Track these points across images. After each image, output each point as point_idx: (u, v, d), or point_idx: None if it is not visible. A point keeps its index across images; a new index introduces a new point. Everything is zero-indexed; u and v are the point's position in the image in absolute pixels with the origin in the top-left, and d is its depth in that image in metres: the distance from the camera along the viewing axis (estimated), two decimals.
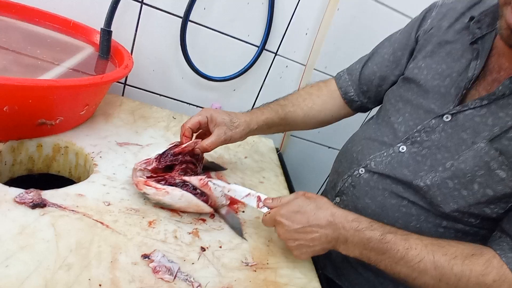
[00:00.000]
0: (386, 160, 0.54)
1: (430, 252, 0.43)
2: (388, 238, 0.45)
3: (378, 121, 0.62)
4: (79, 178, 0.62)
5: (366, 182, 0.56)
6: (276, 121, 0.65)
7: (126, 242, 0.44)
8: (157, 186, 0.50)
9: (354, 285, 0.62)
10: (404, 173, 0.51)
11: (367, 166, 0.56)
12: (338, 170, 0.64)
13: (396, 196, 0.52)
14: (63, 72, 0.58)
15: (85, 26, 0.74)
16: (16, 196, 0.43)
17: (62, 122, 0.57)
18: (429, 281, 0.43)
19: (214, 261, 0.47)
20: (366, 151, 0.58)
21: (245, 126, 0.61)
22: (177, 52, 0.83)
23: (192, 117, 0.59)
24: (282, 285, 0.48)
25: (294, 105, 0.68)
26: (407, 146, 0.53)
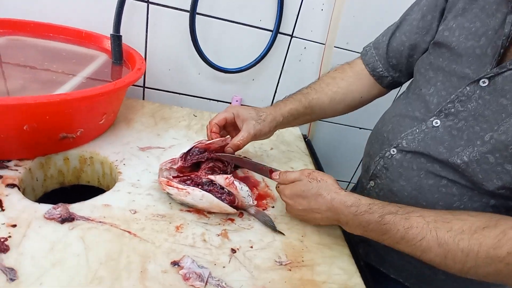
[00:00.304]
0: (419, 137, 0.50)
1: (432, 229, 0.40)
2: (387, 219, 0.43)
3: (408, 95, 0.57)
4: (108, 186, 0.62)
5: (399, 163, 0.52)
6: (301, 111, 0.63)
7: (154, 250, 0.43)
8: (179, 186, 0.49)
9: (400, 272, 0.58)
10: (439, 150, 0.47)
11: (398, 145, 0.52)
12: (369, 153, 0.60)
13: (433, 175, 0.48)
14: (80, 83, 0.58)
15: (97, 34, 0.74)
16: (45, 213, 0.44)
17: (83, 134, 0.57)
18: (434, 259, 0.41)
19: (246, 263, 0.44)
20: (397, 129, 0.54)
21: (271, 118, 0.60)
22: (189, 48, 0.81)
23: (219, 114, 0.59)
24: (320, 283, 0.44)
25: (317, 91, 0.65)
26: (441, 119, 0.48)
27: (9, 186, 0.47)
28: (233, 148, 0.58)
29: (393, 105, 0.62)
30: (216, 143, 0.57)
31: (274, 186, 0.62)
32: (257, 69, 0.88)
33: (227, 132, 0.63)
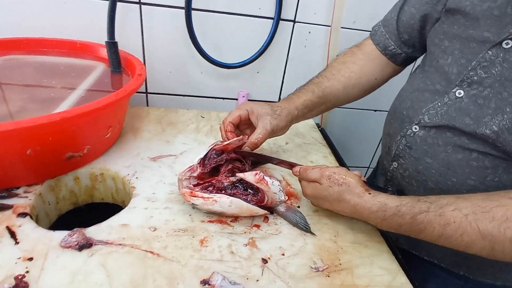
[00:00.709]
0: (442, 111, 0.47)
1: (472, 222, 0.37)
2: (419, 219, 0.40)
3: (424, 68, 0.54)
4: (122, 201, 0.59)
5: (423, 140, 0.49)
6: (315, 101, 0.60)
7: (181, 269, 0.40)
8: (204, 195, 0.46)
9: (434, 254, 0.56)
10: (465, 122, 0.44)
11: (420, 122, 0.49)
12: (389, 133, 0.58)
13: (461, 149, 0.45)
14: (80, 97, 0.55)
15: (91, 44, 0.70)
16: (61, 241, 0.41)
17: (90, 150, 0.54)
18: (481, 252, 0.38)
19: (280, 273, 0.41)
20: (417, 105, 0.51)
21: (287, 112, 0.57)
22: (189, 47, 0.77)
23: (232, 112, 0.57)
24: (363, 287, 0.41)
25: (329, 79, 0.62)
26: (464, 89, 0.45)
27: (21, 215, 0.45)
28: (251, 146, 0.55)
29: (409, 81, 0.58)
30: (233, 143, 0.54)
31: (296, 184, 0.59)
32: (261, 60, 0.83)
33: (240, 131, 0.60)
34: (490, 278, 0.53)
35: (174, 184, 0.54)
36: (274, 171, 0.62)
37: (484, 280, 0.53)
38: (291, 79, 0.89)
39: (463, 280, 0.54)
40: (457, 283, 0.55)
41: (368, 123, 1.04)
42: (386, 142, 0.59)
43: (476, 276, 0.53)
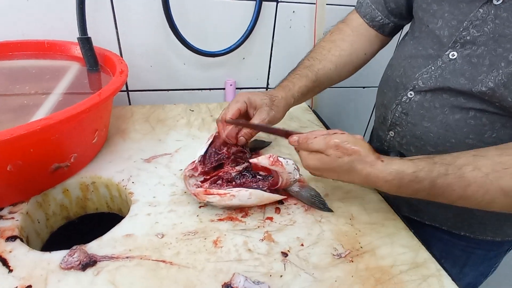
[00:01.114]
0: (436, 74, 0.47)
1: (494, 181, 0.36)
2: (439, 183, 0.38)
3: (414, 35, 0.53)
4: (120, 209, 0.55)
5: (419, 104, 0.49)
6: (310, 86, 0.58)
7: (198, 275, 0.37)
8: (220, 192, 0.44)
9: (435, 217, 0.57)
10: (460, 82, 0.44)
11: (415, 87, 0.49)
12: (383, 103, 0.57)
13: (459, 109, 0.45)
14: (57, 102, 0.50)
15: (61, 42, 0.64)
16: (61, 262, 0.37)
17: (78, 159, 0.49)
18: (502, 208, 0.37)
19: (303, 265, 0.39)
20: (410, 71, 0.51)
21: (284, 102, 0.55)
22: (169, 37, 0.72)
23: (230, 106, 0.53)
24: (389, 268, 0.40)
25: (320, 60, 0.60)
26: (457, 50, 0.45)
27: (10, 239, 0.40)
28: (246, 137, 0.53)
29: (399, 49, 0.58)
30: (230, 134, 0.52)
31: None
32: (246, 46, 0.79)
33: None
34: (490, 235, 0.55)
35: (175, 185, 0.51)
36: None
37: (484, 238, 0.55)
38: (278, 63, 0.86)
39: (465, 240, 0.56)
40: (459, 244, 0.57)
41: (358, 100, 1.03)
42: (381, 112, 0.59)
43: (477, 235, 0.55)
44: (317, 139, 0.42)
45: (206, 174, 0.48)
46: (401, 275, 0.39)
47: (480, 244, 0.56)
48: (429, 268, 0.41)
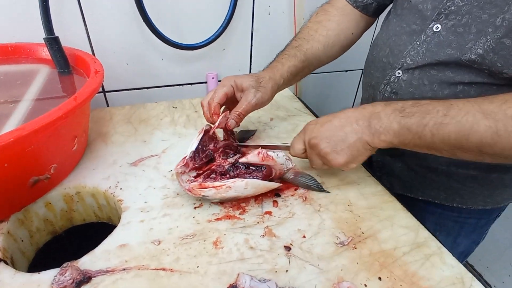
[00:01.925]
0: (422, 49, 0.47)
1: (474, 104, 0.37)
2: (422, 101, 0.40)
3: (397, 12, 0.53)
4: (109, 218, 0.53)
5: (408, 83, 0.49)
6: (299, 66, 0.57)
7: (202, 279, 0.36)
8: (215, 184, 0.43)
9: (428, 192, 0.58)
10: (447, 52, 0.44)
11: (403, 65, 0.49)
12: (371, 84, 0.57)
13: (447, 85, 0.46)
14: (29, 110, 0.46)
15: (27, 44, 0.59)
16: (52, 283, 0.34)
17: (58, 169, 0.46)
18: (485, 135, 0.36)
19: (307, 257, 0.39)
20: (396, 49, 0.50)
21: (272, 83, 0.54)
22: (143, 31, 0.68)
23: (217, 91, 0.52)
24: (391, 251, 0.40)
25: (308, 40, 0.59)
26: (441, 22, 0.45)
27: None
28: (236, 119, 0.52)
29: (383, 28, 0.57)
30: (221, 123, 0.51)
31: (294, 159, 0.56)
32: (225, 36, 0.77)
33: (226, 109, 0.56)
34: (481, 204, 0.56)
35: (166, 187, 0.48)
36: None
37: (476, 207, 0.56)
38: (259, 52, 0.83)
39: (457, 211, 0.58)
40: (451, 216, 0.59)
41: (341, 84, 1.03)
42: (369, 94, 0.58)
43: (468, 205, 0.56)
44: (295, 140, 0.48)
45: (198, 169, 0.46)
46: (404, 256, 0.39)
47: (471, 214, 0.58)
48: (430, 246, 0.41)
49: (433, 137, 0.38)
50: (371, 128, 0.41)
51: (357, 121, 0.42)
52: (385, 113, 0.41)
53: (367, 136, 0.41)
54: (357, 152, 0.43)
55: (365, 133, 0.41)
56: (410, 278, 0.37)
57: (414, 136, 0.39)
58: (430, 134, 0.38)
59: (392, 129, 0.40)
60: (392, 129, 0.40)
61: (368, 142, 0.42)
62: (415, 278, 0.37)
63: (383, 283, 0.36)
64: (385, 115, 0.41)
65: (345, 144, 0.42)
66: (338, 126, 0.43)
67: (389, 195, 0.49)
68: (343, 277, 0.36)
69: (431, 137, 0.38)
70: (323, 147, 0.43)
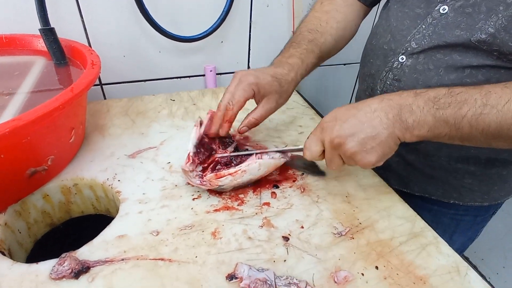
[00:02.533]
0: (429, 32, 0.44)
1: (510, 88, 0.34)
2: (457, 90, 0.36)
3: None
4: (107, 210, 0.53)
5: (412, 68, 0.47)
6: (315, 63, 0.54)
7: (201, 269, 0.36)
8: (230, 171, 0.43)
9: (425, 187, 0.57)
10: (456, 34, 0.42)
11: (407, 50, 0.47)
12: (370, 73, 0.55)
13: (453, 69, 0.43)
14: (25, 103, 0.46)
15: (22, 36, 0.58)
16: (50, 273, 0.34)
17: (55, 161, 0.46)
18: None
19: (305, 247, 0.39)
20: (399, 35, 0.48)
21: (294, 84, 0.51)
22: (140, 23, 0.67)
23: (236, 95, 0.45)
24: (388, 240, 0.40)
25: (322, 34, 0.56)
26: (448, 3, 0.43)
27: None
28: (249, 126, 0.49)
29: (382, 17, 0.56)
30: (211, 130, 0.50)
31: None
32: (223, 29, 0.76)
33: None
34: (478, 201, 0.55)
35: (164, 179, 0.48)
36: (266, 142, 0.58)
37: (473, 204, 0.56)
38: (257, 44, 0.83)
39: (453, 208, 0.57)
40: (448, 213, 0.58)
41: (339, 78, 1.03)
42: (368, 84, 0.56)
43: (466, 201, 0.55)
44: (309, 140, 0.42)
45: (202, 163, 0.47)
46: (401, 246, 0.40)
47: (468, 211, 0.57)
48: (427, 236, 0.41)
49: (472, 128, 0.35)
50: (403, 123, 0.37)
51: (386, 114, 0.37)
52: (417, 105, 0.36)
53: (398, 131, 0.37)
54: (389, 149, 0.38)
55: (397, 127, 0.37)
56: (406, 267, 0.37)
57: (451, 128, 0.36)
58: (469, 126, 0.35)
59: (427, 123, 0.36)
60: (427, 123, 0.36)
61: (399, 137, 0.37)
62: (411, 267, 0.37)
63: (380, 272, 0.36)
64: (418, 108, 0.36)
65: (376, 141, 0.37)
66: (365, 121, 0.37)
67: (387, 186, 0.49)
68: (341, 267, 0.37)
69: (469, 129, 0.35)
70: (350, 146, 0.38)
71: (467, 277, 0.37)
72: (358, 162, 0.39)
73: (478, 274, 0.37)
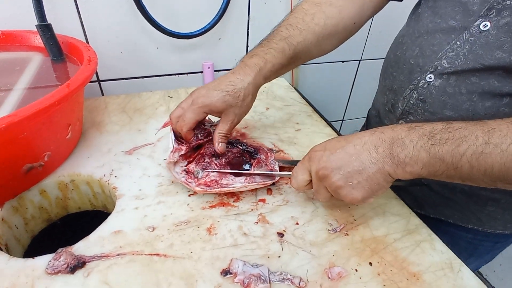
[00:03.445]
0: (464, 50, 0.39)
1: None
2: (455, 125, 0.32)
3: (429, 4, 0.45)
4: (104, 206, 0.53)
5: (440, 90, 0.42)
6: (284, 64, 0.48)
7: (195, 264, 0.36)
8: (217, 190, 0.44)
9: (442, 210, 0.53)
10: (497, 56, 0.37)
11: (437, 68, 0.42)
12: (392, 88, 0.50)
13: (490, 95, 0.38)
14: (22, 99, 0.46)
15: (19, 32, 0.58)
16: (46, 267, 0.35)
17: (52, 157, 0.46)
18: None
19: (300, 243, 0.39)
20: (429, 50, 0.43)
21: (252, 90, 0.46)
22: (138, 19, 0.67)
23: (186, 116, 0.44)
24: (383, 237, 0.41)
25: (302, 31, 0.49)
26: (492, 19, 0.37)
27: None
28: (223, 141, 0.47)
29: (410, 24, 0.50)
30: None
31: (288, 149, 0.56)
32: (221, 25, 0.76)
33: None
34: (499, 228, 0.51)
35: (160, 175, 0.49)
36: (262, 139, 0.58)
37: (493, 231, 0.51)
38: (256, 41, 0.81)
39: (472, 233, 0.52)
40: (465, 236, 0.53)
41: (338, 75, 1.02)
42: (389, 99, 0.51)
43: (486, 228, 0.51)
44: (296, 171, 0.40)
45: (188, 157, 0.47)
46: (395, 243, 0.40)
47: (488, 237, 0.52)
48: (421, 233, 0.42)
49: (473, 169, 0.31)
50: (393, 158, 0.34)
51: (376, 148, 0.35)
52: (410, 139, 0.33)
53: (389, 167, 0.34)
54: (377, 186, 0.35)
55: (387, 162, 0.34)
56: (400, 263, 0.37)
57: (448, 167, 0.32)
58: (469, 165, 0.31)
59: (420, 160, 0.33)
60: (420, 159, 0.33)
61: (390, 173, 0.35)
62: (405, 263, 0.38)
63: (373, 268, 0.37)
64: (411, 142, 0.33)
65: (363, 176, 0.35)
66: (352, 154, 0.35)
67: None
68: (335, 263, 0.37)
69: (470, 169, 0.31)
70: (335, 180, 0.36)
71: (460, 273, 0.37)
72: (344, 198, 0.37)
73: (475, 272, 0.37)
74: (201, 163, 0.46)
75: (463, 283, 0.36)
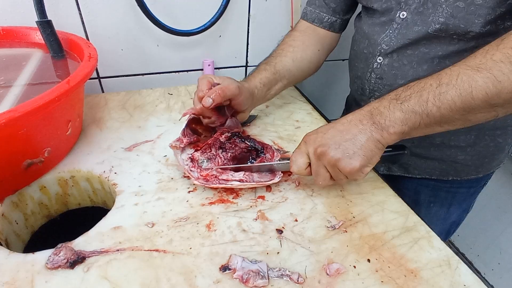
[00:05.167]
0: (394, 34, 0.51)
1: (461, 65, 0.37)
2: (411, 84, 0.40)
3: (367, 12, 0.57)
4: (104, 202, 0.53)
5: (389, 66, 0.53)
6: (271, 78, 0.59)
7: (194, 260, 0.36)
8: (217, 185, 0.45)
9: (424, 169, 0.61)
10: (415, 30, 0.48)
11: (381, 52, 0.53)
12: (358, 75, 0.61)
13: (424, 60, 0.49)
14: (22, 95, 0.46)
15: (19, 28, 0.58)
16: (46, 262, 0.35)
17: (52, 153, 0.46)
18: (487, 86, 0.34)
19: (299, 240, 0.39)
20: (373, 40, 0.55)
21: (247, 86, 0.55)
22: (138, 16, 0.67)
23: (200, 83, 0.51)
24: (381, 234, 0.41)
25: (276, 56, 0.62)
26: (405, 9, 0.49)
27: None
28: (214, 97, 0.49)
29: (357, 25, 0.61)
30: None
31: (289, 147, 0.56)
32: (221, 23, 0.76)
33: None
34: (473, 174, 0.60)
35: (160, 172, 0.49)
36: (262, 137, 0.58)
37: (469, 177, 0.61)
38: (256, 38, 0.83)
39: (450, 183, 0.62)
40: (444, 187, 0.63)
41: (338, 73, 1.02)
42: (358, 85, 0.62)
43: (462, 176, 0.61)
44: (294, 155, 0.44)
45: (195, 146, 0.49)
46: (394, 240, 0.40)
47: (462, 183, 0.62)
48: (419, 230, 0.42)
49: (440, 109, 0.37)
50: (377, 125, 0.39)
51: (361, 121, 0.40)
52: (384, 106, 0.40)
53: (376, 134, 0.39)
54: (371, 153, 0.40)
55: (373, 130, 0.39)
56: (398, 260, 0.38)
57: (421, 116, 0.38)
58: (436, 108, 0.37)
59: (398, 118, 0.38)
60: (398, 118, 0.38)
61: (379, 140, 0.39)
62: (403, 260, 0.38)
63: (371, 265, 0.37)
64: (384, 108, 0.39)
65: (356, 146, 0.39)
66: (343, 130, 0.41)
67: (381, 181, 0.50)
68: (333, 259, 0.37)
69: (438, 110, 0.37)
70: (333, 154, 0.40)
71: (458, 270, 0.37)
72: (343, 170, 0.40)
73: (474, 270, 0.38)
74: (206, 153, 0.48)
75: (460, 280, 0.36)
